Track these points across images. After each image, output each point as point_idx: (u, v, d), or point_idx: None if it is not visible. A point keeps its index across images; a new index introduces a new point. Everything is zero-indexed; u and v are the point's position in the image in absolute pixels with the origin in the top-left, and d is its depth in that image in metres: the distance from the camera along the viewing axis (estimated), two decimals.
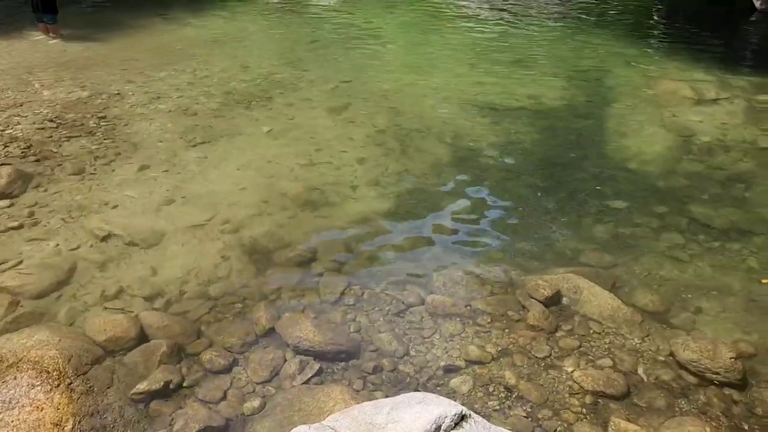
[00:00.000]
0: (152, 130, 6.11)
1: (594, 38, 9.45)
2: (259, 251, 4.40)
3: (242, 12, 10.53)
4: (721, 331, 3.73)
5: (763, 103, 6.93)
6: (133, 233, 4.49)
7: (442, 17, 10.69)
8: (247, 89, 7.13)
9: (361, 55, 8.49)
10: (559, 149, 5.97)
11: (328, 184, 5.25)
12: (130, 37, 8.96)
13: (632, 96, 7.18)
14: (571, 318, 3.80)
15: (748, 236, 4.62)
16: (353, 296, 3.97)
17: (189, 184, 5.20)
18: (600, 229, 4.69)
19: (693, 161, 5.69)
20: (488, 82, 7.52)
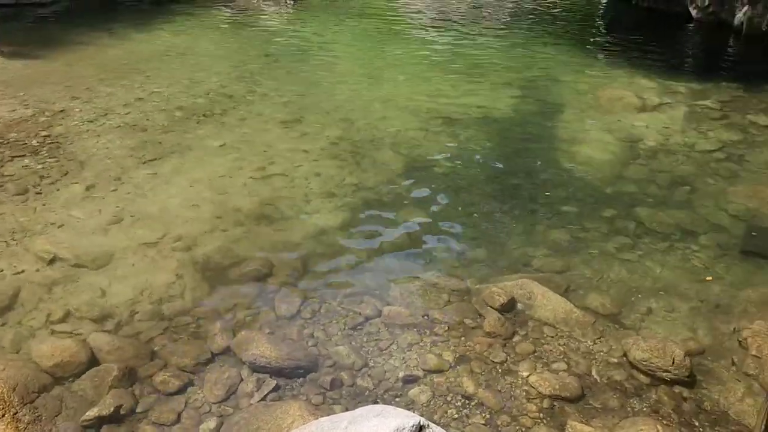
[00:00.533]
0: (99, 147, 5.97)
1: (542, 48, 9.66)
2: (213, 268, 4.33)
3: (191, 26, 10.40)
4: (671, 330, 3.84)
5: (702, 107, 7.19)
6: (81, 254, 4.37)
7: (395, 29, 10.78)
8: (197, 104, 7.04)
9: (313, 68, 8.48)
10: (510, 157, 6.08)
11: (282, 198, 5.21)
12: (75, 52, 8.75)
13: (579, 103, 7.37)
14: (526, 323, 3.85)
15: (692, 236, 4.78)
16: (310, 310, 3.94)
17: (139, 202, 5.09)
18: (552, 235, 4.78)
19: (639, 165, 5.85)
20: (441, 92, 7.60)
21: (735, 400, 3.27)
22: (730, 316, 3.93)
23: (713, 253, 4.56)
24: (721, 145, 6.22)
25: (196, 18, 10.97)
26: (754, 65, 9.36)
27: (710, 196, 5.32)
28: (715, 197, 5.31)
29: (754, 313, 3.90)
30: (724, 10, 10.57)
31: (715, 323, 3.87)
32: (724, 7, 10.58)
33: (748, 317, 3.87)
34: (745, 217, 5.01)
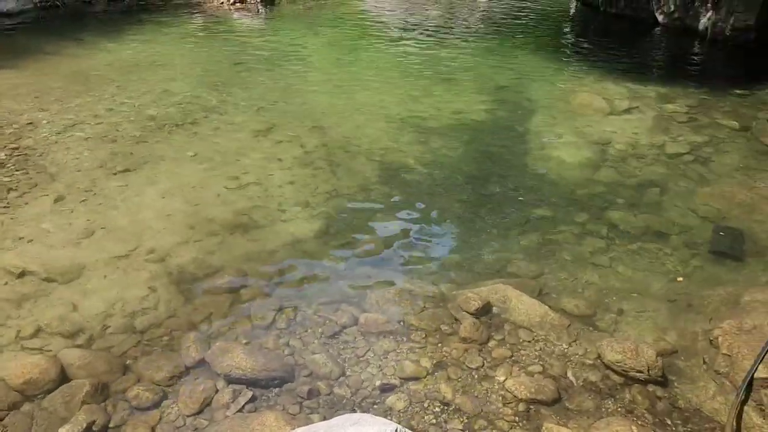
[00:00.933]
0: (69, 159, 5.88)
1: (513, 54, 9.77)
2: (187, 280, 4.29)
3: (162, 36, 10.32)
4: (643, 331, 3.89)
5: (670, 111, 7.33)
6: (51, 268, 4.29)
7: (366, 38, 10.82)
8: (169, 114, 6.97)
9: (285, 77, 8.47)
10: (483, 162, 6.12)
11: (256, 208, 5.18)
12: (43, 63, 8.62)
13: (550, 109, 7.46)
14: (501, 328, 3.88)
15: (663, 238, 4.86)
16: (285, 320, 3.92)
17: (110, 213, 5.02)
18: (526, 239, 4.82)
19: (609, 169, 5.94)
20: (414, 99, 7.64)
21: (707, 398, 3.32)
22: (701, 316, 3.99)
23: (683, 254, 4.64)
24: (689, 147, 6.35)
25: (166, 27, 10.89)
26: (719, 69, 9.59)
27: (679, 198, 5.42)
28: (684, 199, 5.40)
29: (723, 312, 3.97)
30: (689, 15, 10.81)
31: (687, 323, 3.94)
32: (689, 13, 10.82)
33: (718, 316, 3.93)
34: (713, 218, 5.10)
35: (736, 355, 3.42)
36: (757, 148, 6.37)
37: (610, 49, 10.35)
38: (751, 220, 5.05)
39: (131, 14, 11.72)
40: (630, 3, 11.97)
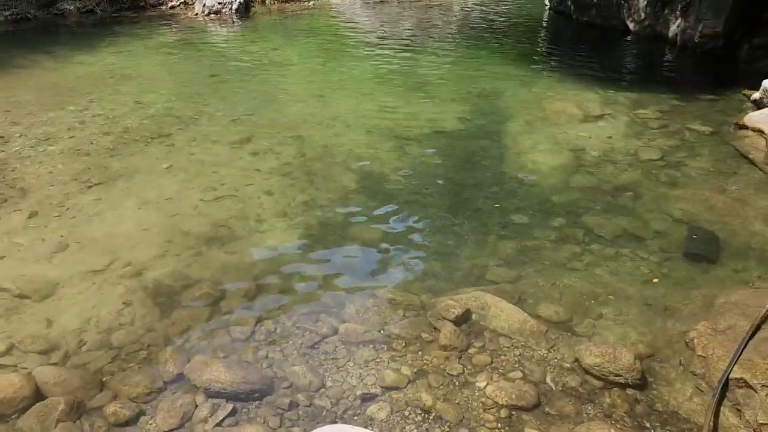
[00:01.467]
0: (42, 173, 5.80)
1: (488, 63, 9.87)
2: (164, 293, 4.24)
3: (136, 47, 10.25)
4: (621, 334, 3.93)
5: (642, 116, 7.45)
6: (24, 285, 4.22)
7: (342, 47, 10.85)
8: (144, 126, 6.91)
9: (262, 87, 8.45)
10: (460, 170, 6.16)
11: (234, 219, 5.15)
12: (14, 76, 8.51)
13: (525, 116, 7.54)
14: (481, 334, 3.89)
15: (638, 242, 4.92)
16: (265, 332, 3.89)
17: (84, 228, 4.96)
18: (503, 246, 4.86)
19: (584, 174, 6.01)
20: (390, 108, 7.67)
21: (684, 400, 3.36)
22: (677, 318, 4.05)
23: (659, 258, 4.71)
24: (662, 152, 6.45)
25: (140, 39, 10.82)
26: (689, 75, 9.77)
27: (653, 202, 5.50)
28: (658, 203, 5.48)
29: (698, 314, 4.03)
30: (659, 22, 11.02)
31: (663, 326, 3.98)
32: (659, 20, 11.03)
33: (694, 318, 3.99)
34: (687, 221, 5.19)
35: (711, 356, 3.47)
36: (727, 152, 6.50)
37: (583, 57, 10.51)
38: (723, 223, 5.14)
39: (104, 26, 11.62)
40: (601, 11, 12.17)
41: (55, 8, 12.10)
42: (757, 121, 6.94)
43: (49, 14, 11.97)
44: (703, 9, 10.14)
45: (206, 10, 12.72)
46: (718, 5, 9.97)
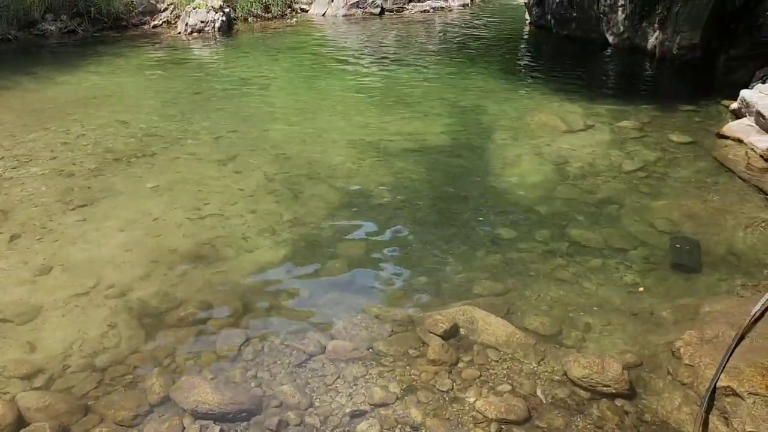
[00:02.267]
0: (24, 195, 5.74)
1: (470, 78, 9.95)
2: (150, 314, 4.19)
3: (119, 67, 10.22)
4: (608, 345, 3.94)
5: (624, 128, 7.54)
6: (6, 309, 4.16)
7: (326, 64, 10.89)
8: (127, 146, 6.88)
9: (246, 105, 8.45)
10: (445, 185, 6.18)
11: (219, 238, 5.12)
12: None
13: (509, 129, 7.60)
14: (470, 348, 3.88)
15: (623, 252, 4.95)
16: (252, 351, 3.86)
17: (68, 250, 4.90)
18: (490, 259, 4.87)
19: (568, 186, 6.05)
20: (375, 124, 7.70)
21: (673, 409, 3.37)
22: (663, 328, 4.07)
23: (643, 267, 4.74)
24: (644, 163, 6.52)
25: (123, 58, 10.79)
26: (668, 85, 9.93)
27: (637, 213, 5.55)
28: (641, 213, 5.54)
29: (684, 324, 4.05)
30: (638, 35, 11.19)
31: (650, 335, 4.01)
32: (637, 33, 11.20)
33: (680, 328, 4.01)
34: (670, 231, 5.24)
35: (698, 365, 3.49)
36: (707, 162, 6.59)
37: (564, 70, 10.65)
38: (706, 232, 5.20)
39: (86, 46, 11.59)
40: (581, 25, 12.34)
41: (37, 29, 12.04)
42: (736, 131, 7.05)
43: (30, 35, 11.90)
44: (680, 21, 10.32)
45: (189, 29, 12.73)
46: (694, 18, 10.15)
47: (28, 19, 11.93)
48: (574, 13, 12.38)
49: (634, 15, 11.21)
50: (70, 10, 12.40)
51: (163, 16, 13.38)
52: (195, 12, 12.85)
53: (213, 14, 12.87)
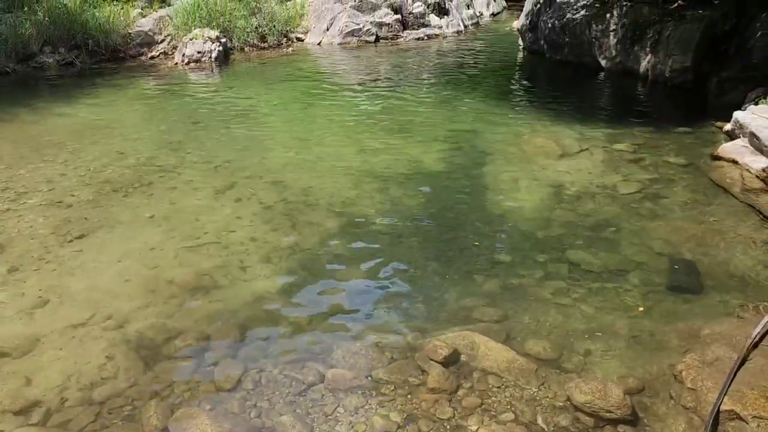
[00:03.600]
0: (21, 227, 5.74)
1: (465, 103, 10.04)
2: (147, 346, 4.16)
3: (116, 98, 10.29)
4: (610, 370, 3.92)
5: (619, 151, 7.59)
6: (2, 342, 4.13)
7: (321, 92, 10.98)
8: (124, 176, 6.89)
9: (243, 133, 8.50)
10: (443, 210, 6.20)
11: (217, 267, 5.11)
12: None
13: (504, 153, 7.64)
14: (470, 375, 3.86)
15: (622, 275, 4.95)
16: (251, 381, 3.82)
17: (65, 281, 4.88)
18: (489, 284, 4.86)
19: (565, 210, 6.07)
20: (371, 150, 7.73)
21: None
22: (664, 351, 4.05)
23: (642, 290, 4.73)
24: (640, 185, 6.55)
25: (121, 89, 10.87)
26: (662, 108, 10.02)
27: (634, 235, 5.55)
28: (638, 236, 5.54)
29: (685, 347, 4.04)
30: (630, 59, 11.32)
31: (651, 359, 3.98)
32: (629, 57, 11.34)
33: (681, 351, 4.00)
34: (668, 253, 5.24)
35: (700, 388, 3.47)
36: (703, 183, 6.62)
37: (558, 94, 10.75)
38: (704, 254, 5.20)
39: (84, 78, 11.68)
40: (573, 49, 12.49)
41: (35, 61, 12.14)
42: (730, 152, 7.10)
43: (29, 67, 12.00)
44: (671, 45, 10.46)
45: (186, 59, 12.85)
46: (685, 41, 10.29)
47: (26, 52, 12.02)
48: (566, 38, 12.54)
49: (626, 39, 11.36)
50: (68, 43, 12.51)
51: (160, 47, 13.50)
52: (192, 43, 12.98)
53: (210, 44, 13.00)
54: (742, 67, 9.54)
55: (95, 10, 13.01)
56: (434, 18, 16.92)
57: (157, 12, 14.05)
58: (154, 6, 14.33)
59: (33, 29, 12.10)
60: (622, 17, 11.44)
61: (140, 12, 13.92)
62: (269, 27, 14.63)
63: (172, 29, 13.52)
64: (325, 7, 15.85)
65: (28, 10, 12.53)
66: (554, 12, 12.87)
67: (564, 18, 12.51)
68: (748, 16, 9.88)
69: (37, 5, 12.66)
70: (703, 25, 10.21)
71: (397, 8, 16.13)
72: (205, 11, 13.66)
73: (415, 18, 16.44)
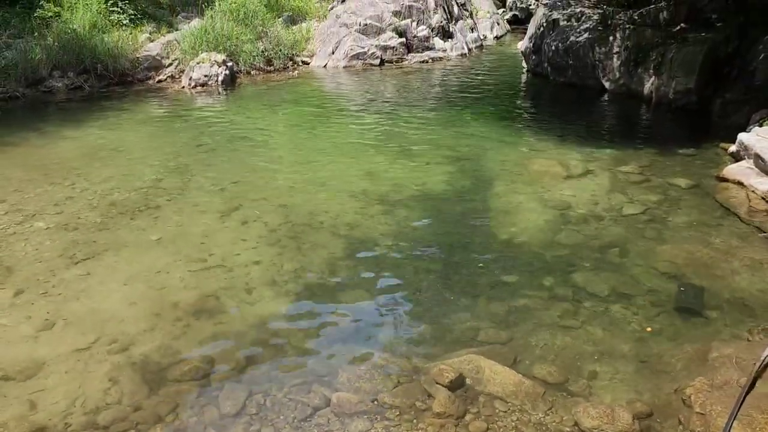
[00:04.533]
0: (28, 250, 5.76)
1: (470, 125, 10.08)
2: (152, 369, 4.15)
3: (124, 122, 10.38)
4: (618, 394, 3.88)
5: (624, 173, 7.59)
6: (8, 366, 4.13)
7: (326, 115, 11.05)
8: (131, 199, 6.93)
9: (249, 156, 8.54)
10: (448, 232, 6.20)
11: (222, 290, 5.11)
12: (1, 154, 8.55)
13: (509, 175, 7.65)
14: (476, 399, 3.83)
15: (628, 298, 4.93)
16: (255, 405, 3.80)
17: (71, 305, 4.89)
18: (494, 307, 4.84)
19: (571, 232, 6.06)
20: (376, 173, 7.76)
21: None
22: (672, 375, 4.02)
23: (649, 313, 4.71)
24: (645, 207, 6.55)
25: (128, 113, 10.97)
26: (665, 130, 10.04)
27: (640, 257, 5.54)
28: (645, 258, 5.53)
29: (693, 370, 4.01)
30: (634, 81, 11.38)
31: (659, 383, 3.95)
32: (633, 79, 11.39)
33: (689, 374, 3.97)
34: (674, 275, 5.22)
35: (709, 413, 3.43)
36: (709, 205, 6.61)
37: (562, 116, 10.79)
38: (711, 276, 5.18)
39: (92, 102, 11.79)
40: (577, 71, 12.56)
41: (44, 86, 12.28)
42: (736, 174, 7.10)
43: (38, 92, 12.13)
44: (675, 67, 10.51)
45: (193, 83, 12.97)
46: (688, 63, 10.35)
47: (36, 77, 12.16)
48: (570, 60, 12.63)
49: (630, 61, 11.43)
50: (77, 67, 12.66)
51: (167, 71, 13.64)
52: (199, 66, 13.12)
53: (216, 68, 13.13)
54: (746, 89, 9.58)
55: (104, 35, 13.17)
56: (439, 41, 17.06)
57: (165, 36, 14.22)
58: (162, 31, 14.52)
59: (43, 54, 12.25)
60: (625, 40, 11.53)
61: (148, 36, 14.09)
62: (275, 51, 14.78)
63: (180, 53, 13.67)
64: (331, 31, 16.02)
65: (38, 36, 12.70)
66: (557, 35, 12.98)
67: (567, 41, 12.61)
68: (750, 39, 9.94)
69: (47, 30, 12.83)
70: (706, 47, 10.27)
71: (401, 32, 16.29)
72: (212, 35, 13.81)
73: (420, 41, 16.59)
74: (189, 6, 15.82)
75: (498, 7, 23.49)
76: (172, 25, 14.87)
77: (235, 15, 14.67)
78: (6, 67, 11.82)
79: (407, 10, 16.77)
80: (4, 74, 11.71)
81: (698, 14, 11.51)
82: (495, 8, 22.87)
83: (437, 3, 17.58)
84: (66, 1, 13.62)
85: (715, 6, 11.30)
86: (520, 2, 24.03)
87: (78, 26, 13.01)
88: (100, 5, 13.75)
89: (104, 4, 13.86)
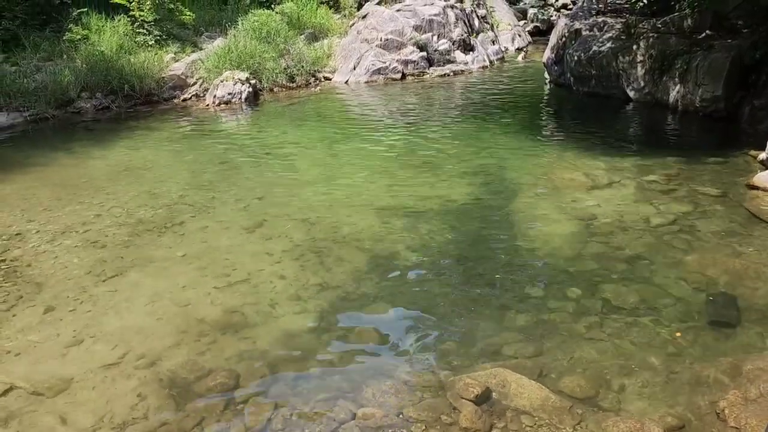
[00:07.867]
0: (58, 267, 5.86)
1: (492, 137, 10.04)
2: (178, 384, 4.18)
3: (150, 141, 10.55)
4: (648, 407, 3.80)
5: (651, 182, 7.48)
6: (38, 382, 4.19)
7: (349, 130, 11.11)
8: (157, 216, 7.03)
9: (271, 172, 8.61)
10: (472, 244, 6.16)
11: (247, 305, 5.14)
12: (32, 173, 8.74)
13: (533, 187, 7.60)
14: (503, 414, 3.78)
15: (657, 310, 4.84)
16: (281, 420, 3.80)
17: (99, 321, 4.96)
18: (520, 319, 4.79)
19: (597, 243, 5.98)
20: (399, 186, 7.76)
21: None
22: (705, 388, 3.92)
23: (679, 325, 4.61)
24: (673, 217, 6.43)
25: (155, 132, 11.15)
26: (692, 138, 9.89)
27: (669, 268, 5.44)
28: (674, 269, 5.42)
29: (727, 383, 3.91)
30: (659, 89, 11.25)
31: (691, 396, 3.86)
32: (658, 87, 11.26)
33: (722, 387, 3.87)
34: (705, 286, 5.11)
35: (744, 427, 3.34)
36: (739, 214, 6.48)
37: (586, 126, 10.70)
38: (743, 286, 5.06)
39: (120, 122, 12.02)
40: (600, 81, 12.47)
41: (73, 107, 12.55)
42: (766, 181, 6.95)
43: (67, 113, 12.40)
44: (701, 74, 10.37)
45: (217, 101, 13.15)
46: (714, 70, 10.20)
47: (65, 98, 12.44)
48: (593, 70, 12.54)
49: (654, 70, 11.30)
50: (104, 88, 12.92)
51: (192, 89, 13.86)
52: (222, 84, 13.30)
53: (240, 86, 13.30)
54: None
55: (130, 56, 13.45)
56: (460, 54, 17.09)
57: (189, 56, 14.45)
58: (186, 50, 14.77)
59: (72, 76, 12.54)
60: (649, 48, 11.41)
61: (173, 56, 14.34)
62: (298, 68, 14.93)
63: (204, 72, 13.88)
64: (352, 47, 16.15)
65: (67, 58, 13.02)
66: (580, 45, 12.91)
67: (590, 50, 12.53)
68: None
69: (76, 53, 13.15)
70: (733, 54, 10.12)
71: (422, 46, 16.35)
72: (236, 54, 14.01)
73: (441, 55, 16.63)
74: (212, 26, 16.07)
75: (519, 19, 23.46)
76: (196, 45, 15.11)
77: (257, 33, 14.87)
78: (36, 89, 12.12)
79: (428, 24, 16.84)
80: (34, 96, 12.00)
81: (723, 21, 11.37)
82: (516, 20, 22.85)
83: (458, 17, 17.63)
84: (94, 24, 13.96)
85: (740, 12, 11.15)
86: (542, 14, 24.01)
87: (105, 48, 13.31)
88: (126, 27, 14.06)
89: (130, 27, 14.16)
